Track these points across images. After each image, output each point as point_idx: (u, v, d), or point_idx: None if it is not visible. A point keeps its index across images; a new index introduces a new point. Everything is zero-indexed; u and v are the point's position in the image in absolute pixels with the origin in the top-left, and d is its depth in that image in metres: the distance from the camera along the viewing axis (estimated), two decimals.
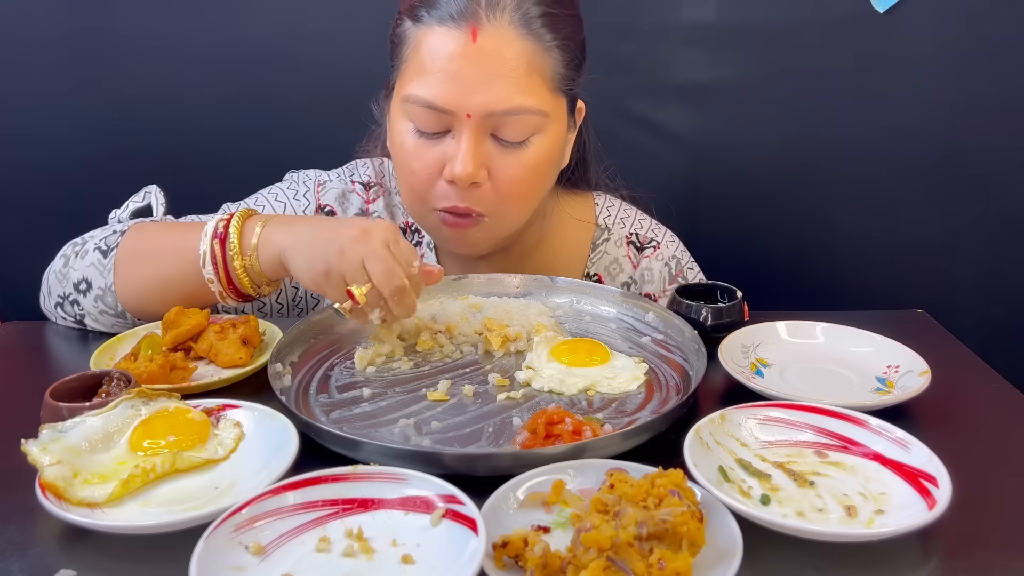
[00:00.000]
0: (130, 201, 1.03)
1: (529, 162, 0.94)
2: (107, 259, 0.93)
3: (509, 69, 0.89)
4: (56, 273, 0.96)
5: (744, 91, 1.46)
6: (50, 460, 0.64)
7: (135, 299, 0.93)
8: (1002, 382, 0.87)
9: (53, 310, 0.96)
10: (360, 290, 0.82)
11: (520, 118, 0.91)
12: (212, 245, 0.87)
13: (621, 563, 0.52)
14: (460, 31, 0.89)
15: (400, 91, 0.94)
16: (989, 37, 1.40)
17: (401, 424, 0.77)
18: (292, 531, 0.59)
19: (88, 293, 0.93)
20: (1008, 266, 1.50)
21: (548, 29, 0.92)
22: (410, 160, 0.95)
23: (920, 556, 0.60)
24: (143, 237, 0.95)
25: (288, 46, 1.44)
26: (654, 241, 1.16)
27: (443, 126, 0.92)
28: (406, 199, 1.01)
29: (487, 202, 0.95)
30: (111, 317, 0.93)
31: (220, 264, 0.88)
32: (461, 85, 0.89)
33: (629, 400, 0.81)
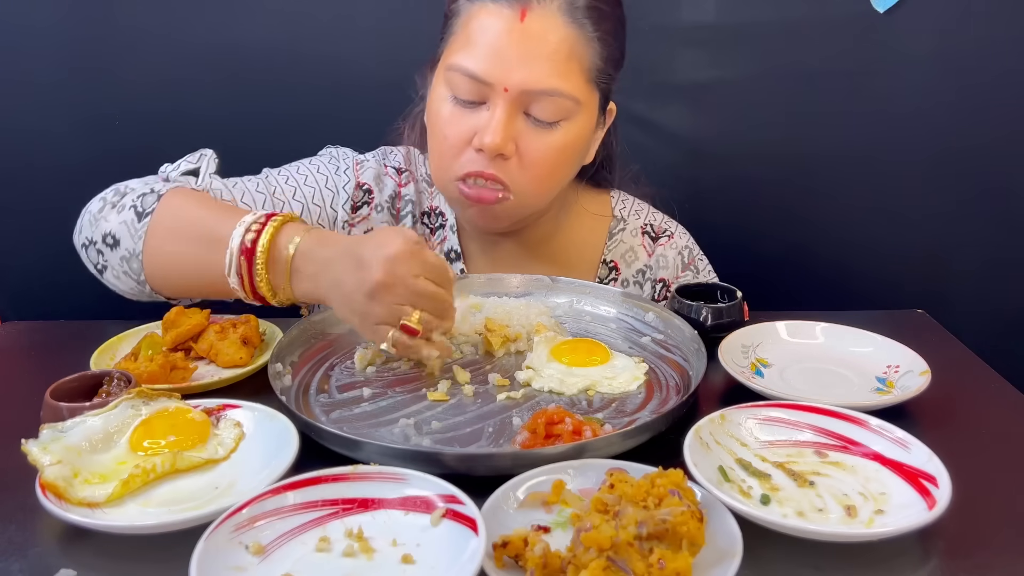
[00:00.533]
0: (184, 160, 1.01)
1: (556, 144, 0.97)
2: (140, 223, 0.90)
3: (551, 52, 0.93)
4: (92, 214, 0.94)
5: (744, 91, 1.46)
6: (50, 460, 0.64)
7: (161, 276, 0.91)
8: (1002, 382, 0.87)
9: (79, 248, 0.95)
10: (413, 318, 0.80)
11: (553, 100, 0.95)
12: (239, 261, 0.84)
13: (621, 563, 0.52)
14: (511, 10, 0.93)
15: (445, 60, 0.98)
16: (989, 37, 1.40)
17: (401, 424, 0.77)
18: (292, 531, 0.59)
19: (115, 250, 0.91)
20: (1008, 266, 1.50)
21: (591, 21, 0.96)
22: (443, 126, 0.98)
23: (920, 556, 0.60)
24: (178, 213, 0.91)
25: (290, 41, 1.44)
26: (668, 231, 1.19)
27: (480, 97, 0.95)
28: (434, 166, 1.03)
29: (512, 175, 0.97)
30: (132, 281, 0.91)
31: (246, 280, 0.84)
32: (504, 60, 0.93)
33: (629, 400, 0.82)
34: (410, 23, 1.41)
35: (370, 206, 1.10)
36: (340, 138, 1.19)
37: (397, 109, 1.16)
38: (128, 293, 0.94)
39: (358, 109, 1.43)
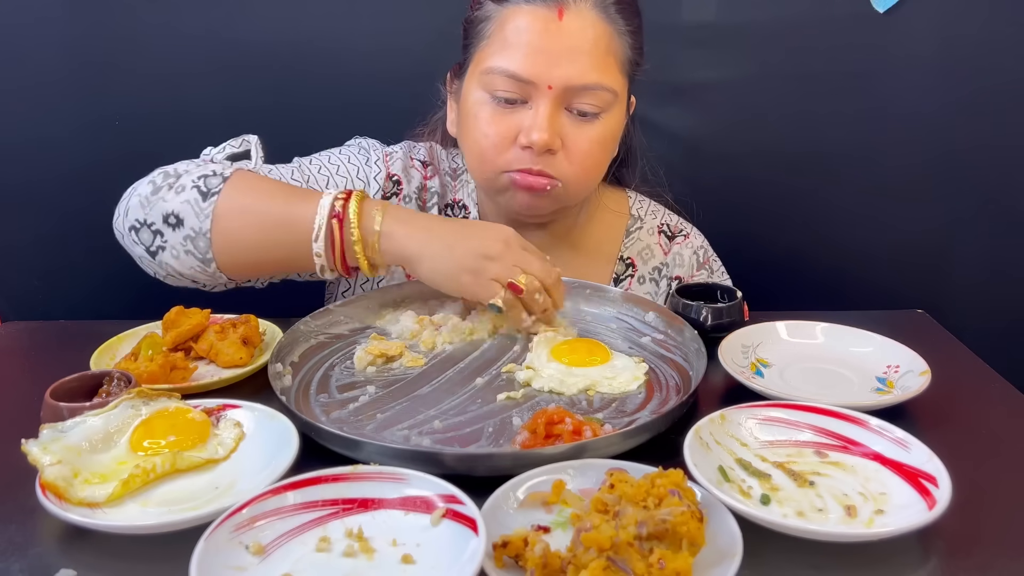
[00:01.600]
0: (227, 144, 1.01)
1: (598, 136, 1.01)
2: (206, 203, 0.90)
3: (590, 47, 0.97)
4: (142, 197, 0.92)
5: (744, 91, 1.45)
6: (50, 460, 0.64)
7: (229, 251, 0.91)
8: (1002, 382, 0.87)
9: (126, 232, 0.93)
10: (521, 280, 0.89)
11: (595, 93, 0.98)
12: (330, 223, 0.88)
13: (621, 563, 0.52)
14: (548, 10, 0.96)
15: (480, 65, 1.00)
16: (989, 37, 1.40)
17: (401, 424, 0.77)
18: (292, 531, 0.59)
19: (178, 229, 0.90)
20: (1008, 266, 1.50)
21: (622, 16, 1.00)
22: (484, 126, 1.00)
23: (920, 556, 0.60)
24: (248, 192, 0.92)
25: (292, 39, 1.43)
26: (684, 231, 1.22)
27: (522, 96, 0.98)
28: (475, 164, 1.05)
29: (560, 169, 1.00)
30: (196, 260, 0.91)
31: (337, 244, 0.89)
32: (546, 58, 0.96)
33: (629, 400, 0.82)
34: (413, 19, 1.41)
35: (399, 197, 1.12)
36: (342, 135, 1.19)
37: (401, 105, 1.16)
38: (189, 271, 0.93)
39: (360, 106, 1.43)
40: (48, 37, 1.41)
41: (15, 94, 1.43)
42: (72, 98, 1.44)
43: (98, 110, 1.44)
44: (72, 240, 1.46)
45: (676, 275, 1.19)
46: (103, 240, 1.42)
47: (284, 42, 1.44)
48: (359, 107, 1.44)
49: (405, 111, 1.19)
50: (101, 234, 1.43)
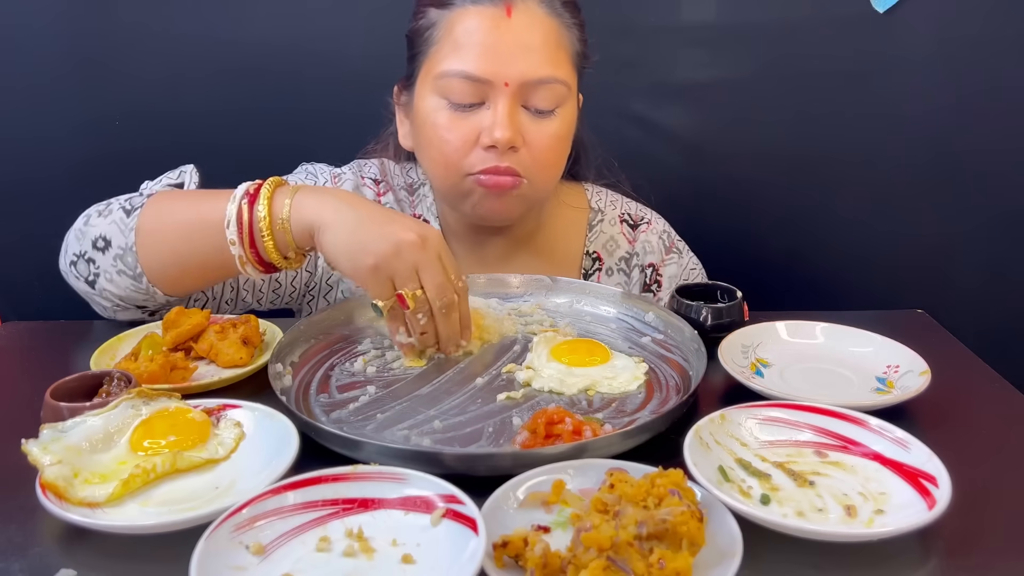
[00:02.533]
0: (164, 176, 1.02)
1: (557, 131, 1.01)
2: (130, 218, 0.91)
3: (541, 42, 0.98)
4: (76, 231, 0.95)
5: (744, 91, 1.46)
6: (50, 460, 0.64)
7: (155, 260, 0.91)
8: (1002, 382, 0.87)
9: (68, 268, 0.95)
10: (411, 295, 0.82)
11: (551, 87, 0.99)
12: (240, 205, 0.86)
13: (621, 563, 0.52)
14: (496, 8, 0.97)
15: (432, 71, 1.00)
16: (989, 37, 1.40)
17: (401, 424, 0.77)
18: (292, 531, 0.59)
19: (106, 251, 0.91)
20: (1008, 266, 1.50)
21: (567, 10, 1.01)
22: (443, 132, 1.00)
23: (920, 556, 0.60)
24: (170, 199, 0.94)
25: (292, 39, 1.43)
26: (645, 218, 1.22)
27: (479, 97, 0.98)
28: (439, 172, 1.04)
29: (524, 165, 1.00)
30: (128, 279, 0.91)
31: (245, 227, 0.86)
32: (499, 56, 0.96)
33: (629, 400, 0.82)
34: None
35: None
36: (341, 136, 1.19)
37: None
38: (126, 292, 0.93)
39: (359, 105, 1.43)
40: (48, 38, 1.41)
41: (15, 94, 1.43)
42: (72, 98, 1.44)
43: (98, 110, 1.44)
44: None
45: (650, 263, 1.20)
46: None
47: (283, 43, 1.44)
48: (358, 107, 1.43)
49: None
50: None
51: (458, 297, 0.86)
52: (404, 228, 0.83)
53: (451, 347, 0.89)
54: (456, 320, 0.87)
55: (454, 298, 0.85)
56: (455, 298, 0.86)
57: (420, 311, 0.84)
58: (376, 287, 0.84)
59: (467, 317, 0.89)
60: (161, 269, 0.92)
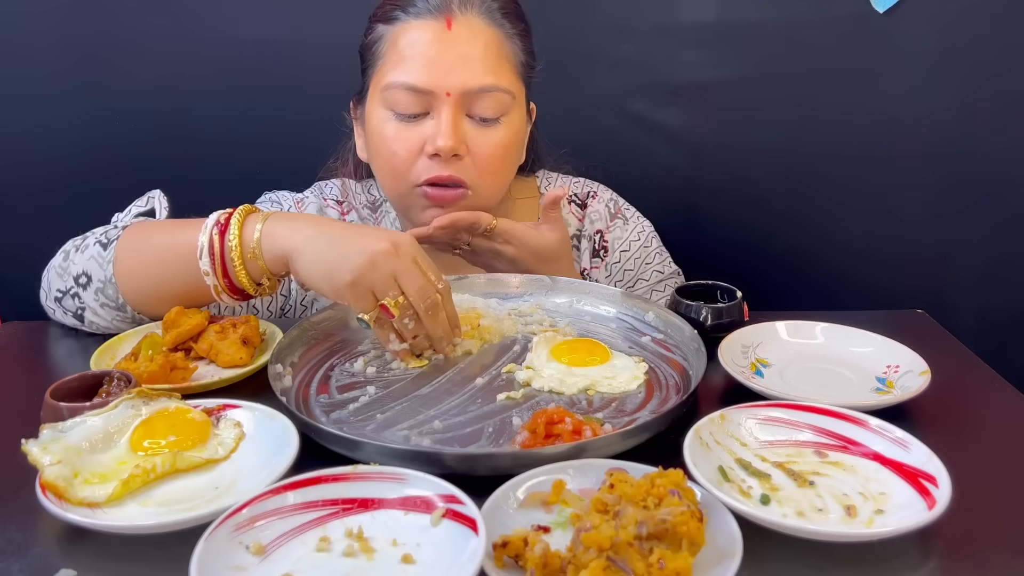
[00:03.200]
0: (133, 205, 1.03)
1: (502, 139, 1.04)
2: (107, 251, 0.93)
3: (481, 52, 1.00)
4: (56, 268, 0.96)
5: (744, 91, 1.46)
6: (50, 460, 0.64)
7: (134, 291, 0.93)
8: (1002, 382, 0.87)
9: (53, 305, 0.96)
10: (393, 302, 0.83)
11: (493, 95, 1.01)
12: (211, 235, 0.87)
13: (621, 563, 0.52)
14: (436, 22, 1.00)
15: (379, 84, 1.03)
16: (989, 37, 1.40)
17: (401, 424, 0.77)
18: (292, 531, 0.59)
19: (88, 287, 0.93)
20: (1008, 266, 1.50)
21: (508, 20, 1.04)
22: (390, 143, 1.02)
23: (920, 556, 0.60)
24: (143, 231, 0.95)
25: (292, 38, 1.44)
26: (591, 192, 1.25)
27: (423, 107, 1.01)
28: (387, 182, 1.07)
29: (468, 173, 1.02)
30: (112, 310, 0.93)
31: (217, 256, 0.87)
32: (440, 66, 0.99)
33: (629, 400, 0.82)
34: None
35: None
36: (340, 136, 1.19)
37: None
38: (112, 323, 0.95)
39: None
40: (49, 39, 1.41)
41: (15, 95, 1.43)
42: (72, 99, 1.44)
43: (98, 111, 1.45)
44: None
45: (597, 230, 1.21)
46: None
47: (282, 43, 1.44)
48: None
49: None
50: None
51: (441, 297, 0.86)
52: (375, 239, 0.83)
53: (446, 346, 0.89)
54: (444, 319, 0.87)
55: (437, 298, 0.85)
56: (438, 298, 0.86)
57: (406, 316, 0.84)
58: (358, 301, 0.84)
59: (454, 315, 0.89)
60: (141, 297, 0.93)
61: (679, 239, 1.27)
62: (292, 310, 1.14)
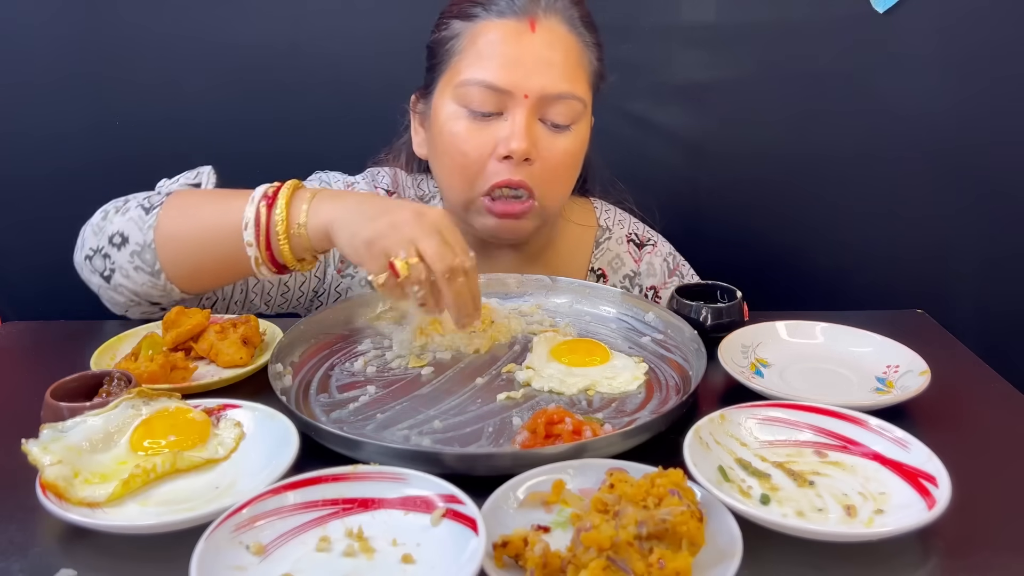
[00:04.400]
0: (181, 176, 1.02)
1: (570, 147, 1.03)
2: (149, 215, 0.92)
3: (561, 58, 1.00)
4: (93, 226, 0.95)
5: (744, 91, 1.46)
6: (51, 460, 0.64)
7: (172, 258, 0.92)
8: (1002, 382, 0.87)
9: (82, 263, 0.95)
10: (402, 262, 0.80)
11: (568, 103, 1.00)
12: (259, 208, 0.86)
13: (621, 563, 0.52)
14: (519, 23, 0.99)
15: (452, 80, 1.01)
16: (989, 37, 1.40)
17: (401, 424, 0.77)
18: (292, 531, 0.59)
19: (123, 248, 0.92)
20: (1008, 266, 1.50)
21: (587, 30, 1.04)
22: (461, 143, 1.00)
23: (920, 556, 0.60)
24: (189, 198, 0.94)
25: (291, 42, 1.43)
26: (651, 240, 1.23)
27: (498, 107, 0.99)
28: (453, 185, 1.04)
29: (536, 179, 1.01)
30: (146, 275, 0.92)
31: (263, 229, 0.86)
32: (521, 68, 0.98)
33: (629, 400, 0.82)
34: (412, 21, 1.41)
35: None
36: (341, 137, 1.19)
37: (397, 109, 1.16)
38: (139, 291, 0.93)
39: (359, 110, 1.43)
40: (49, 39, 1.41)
41: (15, 95, 1.43)
42: (72, 99, 1.44)
43: (98, 111, 1.44)
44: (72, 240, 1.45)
45: (651, 285, 1.20)
46: None
47: (283, 44, 1.44)
48: (358, 111, 1.44)
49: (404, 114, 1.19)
50: None
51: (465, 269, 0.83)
52: (403, 208, 0.83)
53: (462, 319, 0.85)
54: (463, 287, 0.83)
55: (458, 262, 0.82)
56: (459, 262, 0.82)
57: (415, 282, 0.81)
58: (371, 261, 0.82)
59: (477, 294, 0.85)
60: (179, 266, 0.92)
61: (679, 239, 1.27)
62: (326, 294, 1.13)
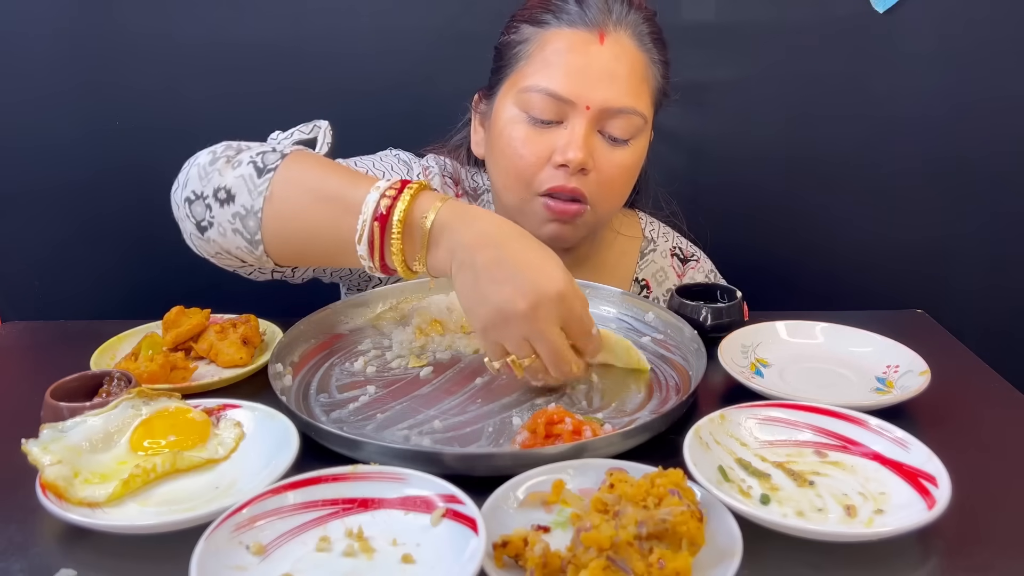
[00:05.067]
0: (296, 129, 0.98)
1: (627, 160, 1.02)
2: (261, 179, 0.84)
3: (627, 73, 0.99)
4: (200, 167, 0.88)
5: (744, 91, 1.46)
6: (51, 460, 0.64)
7: (278, 235, 0.85)
8: (1002, 382, 0.87)
9: (181, 202, 0.88)
10: (518, 364, 0.78)
11: (628, 118, 1.00)
12: (372, 227, 0.80)
13: (621, 563, 0.52)
14: (589, 33, 0.98)
15: (516, 84, 1.01)
16: (989, 37, 1.40)
17: (401, 424, 0.77)
18: (292, 531, 0.59)
19: (227, 205, 0.85)
20: (1008, 266, 1.50)
21: (656, 47, 1.03)
22: (519, 146, 1.00)
23: (920, 556, 0.60)
24: (305, 171, 0.86)
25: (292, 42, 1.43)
26: (695, 256, 1.24)
27: (558, 116, 0.99)
28: (509, 186, 1.03)
29: (590, 189, 1.01)
30: (243, 240, 0.85)
31: (376, 249, 0.80)
32: (586, 79, 0.97)
33: (629, 400, 0.82)
34: (412, 20, 1.41)
35: None
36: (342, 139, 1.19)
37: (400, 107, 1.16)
38: (231, 251, 0.88)
39: (359, 110, 1.43)
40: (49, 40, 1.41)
41: (15, 95, 1.43)
42: (72, 99, 1.44)
43: (98, 111, 1.44)
44: (72, 240, 1.46)
45: None
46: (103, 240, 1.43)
47: (284, 44, 1.44)
48: (360, 111, 1.44)
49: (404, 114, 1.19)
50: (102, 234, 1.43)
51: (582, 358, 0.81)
52: (518, 294, 0.76)
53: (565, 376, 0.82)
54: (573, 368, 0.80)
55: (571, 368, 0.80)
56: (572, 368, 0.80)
57: (532, 376, 0.81)
58: (487, 347, 0.80)
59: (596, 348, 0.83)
60: (282, 245, 0.86)
61: None
62: None
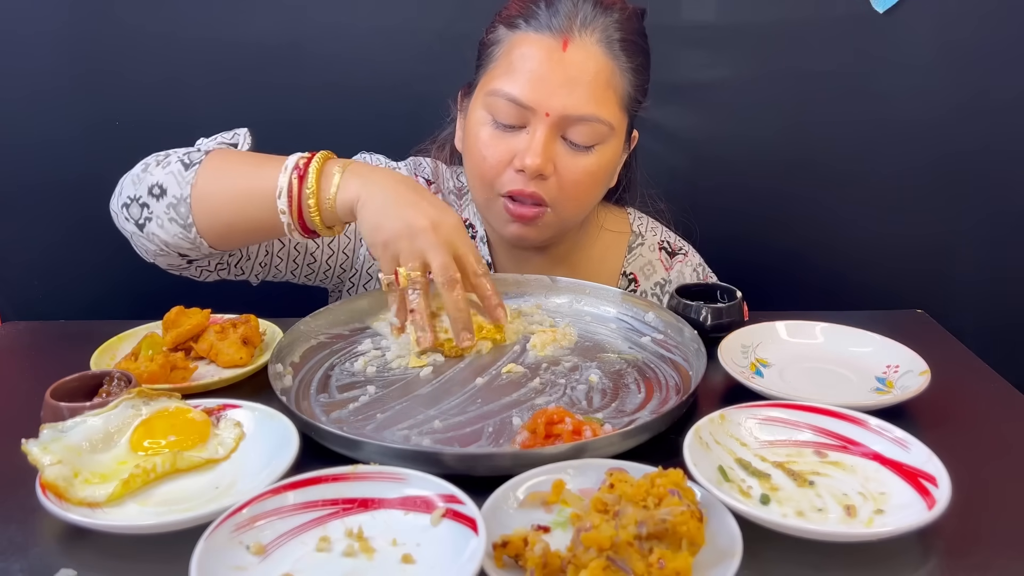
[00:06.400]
0: (219, 135, 1.04)
1: (590, 167, 1.02)
2: (188, 171, 0.94)
3: (590, 80, 0.98)
4: (133, 176, 0.97)
5: (744, 91, 1.46)
6: (51, 460, 0.64)
7: (206, 215, 0.94)
8: (1002, 382, 0.87)
9: (119, 210, 0.97)
10: (405, 273, 0.87)
11: (591, 125, 0.99)
12: (291, 179, 0.89)
13: (621, 563, 0.52)
14: (553, 40, 0.98)
15: (485, 86, 1.02)
16: (989, 37, 1.40)
17: (401, 424, 0.77)
18: (292, 531, 0.59)
19: (161, 199, 0.94)
20: (1008, 266, 1.50)
21: (626, 53, 1.02)
22: (483, 148, 1.02)
23: (920, 556, 0.60)
24: (227, 159, 0.97)
25: (292, 42, 1.43)
26: (683, 250, 1.24)
27: (520, 121, 1.00)
28: (474, 185, 1.07)
29: (550, 193, 1.01)
30: (179, 227, 0.94)
31: (295, 200, 0.90)
32: (546, 86, 0.98)
33: (629, 400, 0.82)
34: (412, 21, 1.41)
35: None
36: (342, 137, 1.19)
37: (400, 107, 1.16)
38: (170, 242, 0.95)
39: (359, 110, 1.43)
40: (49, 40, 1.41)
41: (16, 96, 1.43)
42: (72, 100, 1.44)
43: (98, 112, 1.44)
44: (72, 240, 1.46)
45: None
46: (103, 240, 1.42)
47: (284, 44, 1.44)
48: (359, 108, 1.44)
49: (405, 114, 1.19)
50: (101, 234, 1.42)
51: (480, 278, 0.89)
52: (420, 213, 0.86)
53: (461, 333, 0.89)
54: (461, 301, 0.88)
55: (457, 276, 0.87)
56: (458, 276, 0.87)
57: (412, 289, 0.87)
58: (384, 262, 0.88)
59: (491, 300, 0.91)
60: (211, 224, 0.94)
61: None
62: (357, 275, 1.15)
